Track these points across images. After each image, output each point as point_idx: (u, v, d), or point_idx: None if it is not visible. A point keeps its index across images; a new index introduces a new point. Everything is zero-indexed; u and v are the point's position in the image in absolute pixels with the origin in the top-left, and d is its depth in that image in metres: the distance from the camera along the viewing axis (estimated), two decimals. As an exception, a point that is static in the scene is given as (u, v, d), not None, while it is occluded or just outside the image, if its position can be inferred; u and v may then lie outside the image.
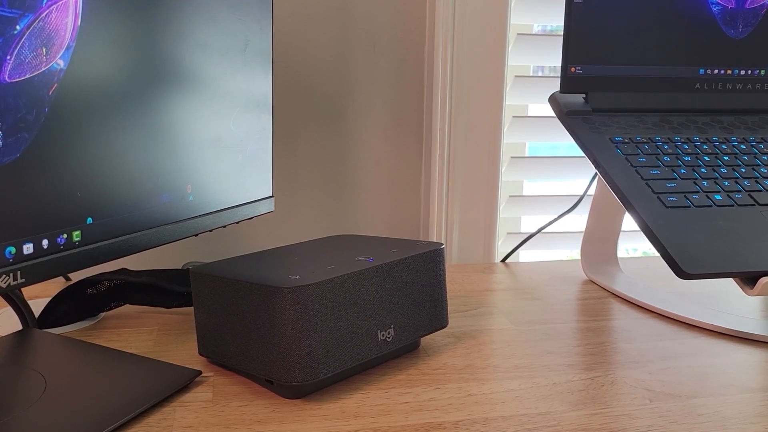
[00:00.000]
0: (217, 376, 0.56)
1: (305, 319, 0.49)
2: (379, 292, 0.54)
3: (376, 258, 0.55)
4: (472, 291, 0.79)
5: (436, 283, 0.59)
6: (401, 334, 0.56)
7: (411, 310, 0.57)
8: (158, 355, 0.60)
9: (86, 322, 0.67)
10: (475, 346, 0.62)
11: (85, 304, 0.66)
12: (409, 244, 0.61)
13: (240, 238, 0.92)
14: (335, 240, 0.65)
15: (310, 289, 0.49)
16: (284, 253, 0.59)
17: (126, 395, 0.50)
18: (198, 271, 0.55)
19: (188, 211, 0.59)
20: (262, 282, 0.50)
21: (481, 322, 0.69)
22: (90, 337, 0.63)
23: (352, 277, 0.52)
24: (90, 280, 0.66)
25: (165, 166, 0.56)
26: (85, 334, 0.64)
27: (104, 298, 0.67)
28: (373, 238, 0.64)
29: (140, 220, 0.54)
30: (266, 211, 0.71)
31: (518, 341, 0.64)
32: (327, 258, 0.56)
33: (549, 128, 0.96)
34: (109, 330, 0.65)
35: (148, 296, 0.67)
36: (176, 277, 0.68)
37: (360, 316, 0.53)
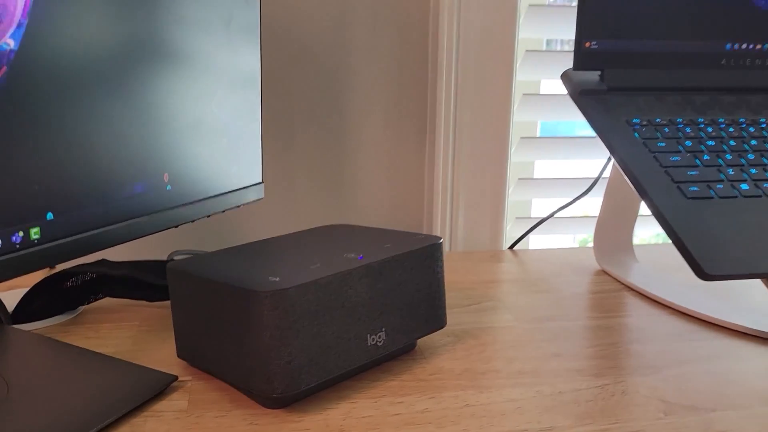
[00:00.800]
0: (195, 380, 0.52)
1: (285, 325, 0.45)
2: (369, 293, 0.49)
3: (366, 255, 0.51)
4: (476, 282, 0.75)
5: (433, 281, 0.54)
6: (394, 338, 0.52)
7: (405, 312, 0.52)
8: (136, 354, 0.56)
9: (65, 315, 0.63)
10: (475, 347, 0.58)
11: (63, 297, 0.63)
12: (404, 237, 0.56)
13: (234, 226, 0.88)
14: (326, 232, 0.60)
15: (291, 293, 0.45)
16: (268, 248, 0.55)
17: (94, 404, 0.46)
18: (174, 268, 0.51)
19: (166, 202, 0.55)
20: (239, 284, 0.46)
21: (484, 319, 0.64)
22: (66, 334, 0.60)
23: (338, 278, 0.47)
24: (67, 272, 0.62)
25: (138, 153, 0.52)
26: (61, 330, 0.61)
27: (83, 290, 0.63)
28: (366, 230, 0.60)
29: (109, 213, 0.49)
30: (255, 198, 0.67)
31: (523, 341, 0.59)
32: (313, 254, 0.52)
33: (562, 106, 0.90)
34: (87, 325, 0.62)
35: (129, 289, 0.63)
36: (159, 270, 0.64)
37: (347, 319, 0.48)
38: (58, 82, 0.45)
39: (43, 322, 0.61)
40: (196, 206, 0.59)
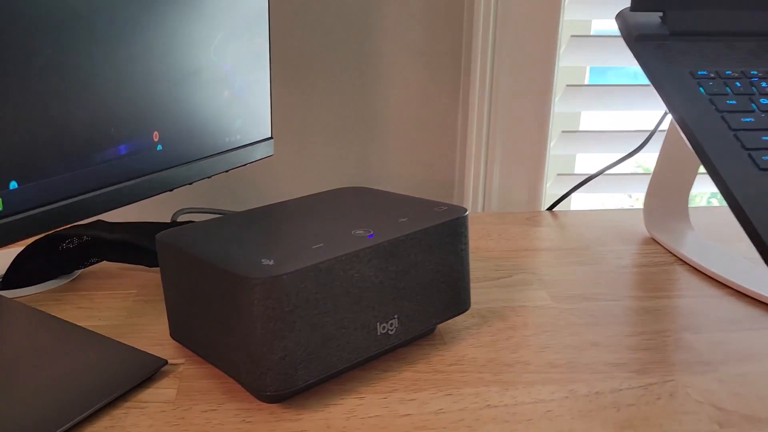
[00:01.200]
0: (188, 364, 0.47)
1: (279, 316, 0.39)
2: (379, 276, 0.43)
3: (377, 231, 0.44)
4: (509, 250, 0.68)
5: (455, 261, 0.48)
6: (408, 325, 0.46)
7: (421, 296, 0.46)
8: (128, 329, 0.51)
9: (60, 280, 0.59)
10: (503, 332, 0.52)
11: (57, 261, 0.58)
12: (425, 208, 0.49)
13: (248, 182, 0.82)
14: (338, 198, 0.53)
15: (285, 280, 0.39)
16: (269, 219, 0.48)
17: (71, 391, 0.42)
18: (162, 240, 0.45)
19: (156, 164, 0.49)
20: (227, 267, 0.40)
21: (515, 296, 0.57)
22: (58, 302, 0.55)
23: (342, 261, 0.41)
24: (60, 234, 0.57)
25: (121, 109, 0.45)
26: (54, 297, 0.56)
27: (78, 254, 0.58)
28: (383, 196, 0.53)
29: (86, 179, 0.44)
30: (263, 155, 0.60)
31: (557, 326, 0.53)
32: (318, 229, 0.45)
33: (615, 49, 0.80)
34: (82, 292, 0.57)
35: (125, 254, 0.58)
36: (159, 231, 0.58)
37: (353, 307, 0.42)
38: (18, 25, 0.38)
39: (36, 288, 0.57)
40: (193, 167, 0.53)
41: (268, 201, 0.83)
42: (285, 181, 0.82)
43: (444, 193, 0.84)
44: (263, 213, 0.50)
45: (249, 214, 0.50)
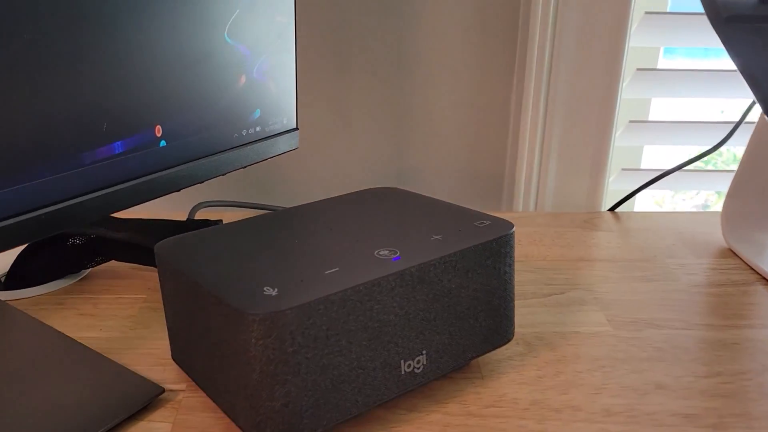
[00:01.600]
0: (189, 392, 0.42)
1: (280, 358, 0.33)
2: (404, 307, 0.37)
3: (405, 252, 0.37)
4: (563, 260, 0.60)
5: (498, 285, 0.41)
6: (438, 361, 0.39)
7: (455, 326, 0.39)
8: (130, 343, 0.46)
9: (67, 279, 0.54)
10: (551, 365, 0.44)
11: (63, 259, 0.54)
12: (463, 221, 0.42)
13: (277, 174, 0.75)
14: (365, 203, 0.47)
15: (288, 317, 0.32)
16: (282, 231, 0.42)
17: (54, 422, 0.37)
18: (160, 253, 0.40)
19: (159, 163, 0.43)
20: (223, 296, 0.34)
21: (567, 319, 0.50)
22: (60, 306, 0.51)
23: (360, 292, 0.35)
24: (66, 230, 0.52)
25: (115, 101, 0.40)
26: (57, 299, 0.52)
27: (86, 251, 0.54)
28: (417, 204, 0.46)
29: (73, 182, 0.38)
30: (287, 149, 0.54)
31: (616, 359, 0.45)
32: (336, 247, 0.39)
33: (696, 29, 0.70)
34: (87, 295, 0.53)
35: (133, 255, 0.53)
36: (172, 230, 0.53)
37: (372, 343, 0.36)
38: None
39: (40, 288, 0.53)
40: (204, 164, 0.47)
41: (298, 194, 0.77)
42: (318, 172, 0.76)
43: (492, 187, 0.77)
44: (277, 221, 0.44)
45: (261, 223, 0.43)
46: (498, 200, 0.77)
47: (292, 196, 0.77)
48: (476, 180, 0.77)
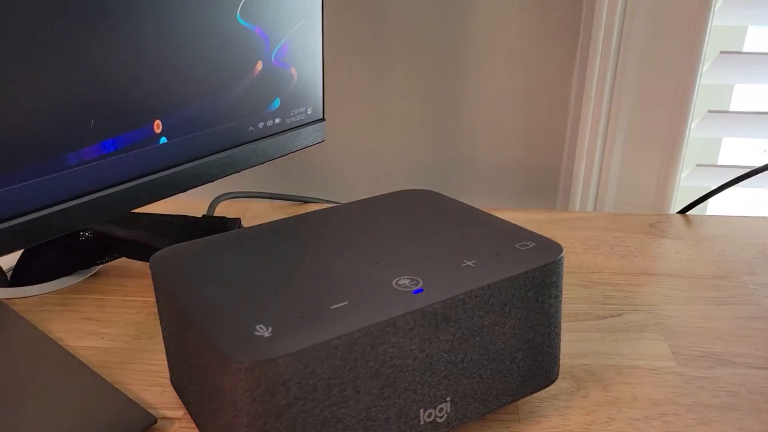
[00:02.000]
0: (184, 422, 0.37)
1: (271, 412, 0.28)
2: (425, 349, 0.31)
3: (430, 282, 0.31)
4: (624, 273, 0.53)
5: (540, 320, 0.34)
6: (465, 409, 0.33)
7: (487, 369, 0.33)
8: (130, 356, 0.42)
9: (76, 276, 0.51)
10: (601, 410, 0.38)
11: (73, 254, 0.50)
12: (503, 242, 0.35)
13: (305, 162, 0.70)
14: (393, 212, 0.41)
15: (280, 366, 0.27)
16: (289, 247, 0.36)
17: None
18: (154, 266, 0.35)
19: (159, 161, 0.38)
20: (211, 333, 0.29)
21: (624, 349, 0.43)
22: (65, 308, 0.47)
23: (371, 334, 0.29)
24: (74, 224, 0.48)
25: (105, 94, 0.35)
26: (63, 300, 0.48)
27: (97, 247, 0.50)
28: (452, 216, 0.40)
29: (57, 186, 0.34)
30: (311, 143, 0.48)
31: (680, 405, 0.38)
32: (350, 270, 0.33)
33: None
34: (95, 296, 0.49)
35: (143, 254, 0.49)
36: (186, 228, 0.49)
37: (385, 392, 0.30)
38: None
39: (47, 285, 0.49)
40: (213, 162, 0.42)
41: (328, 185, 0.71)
42: (350, 164, 0.70)
43: (547, 183, 0.69)
44: (290, 231, 0.38)
45: (271, 233, 0.38)
46: (552, 198, 0.70)
47: (323, 187, 0.71)
48: (529, 174, 0.69)
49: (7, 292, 0.48)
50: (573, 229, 0.60)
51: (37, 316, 0.46)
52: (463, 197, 0.71)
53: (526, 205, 0.71)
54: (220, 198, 0.56)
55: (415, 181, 0.71)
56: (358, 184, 0.71)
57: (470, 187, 0.70)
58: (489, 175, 0.70)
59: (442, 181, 0.70)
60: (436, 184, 0.71)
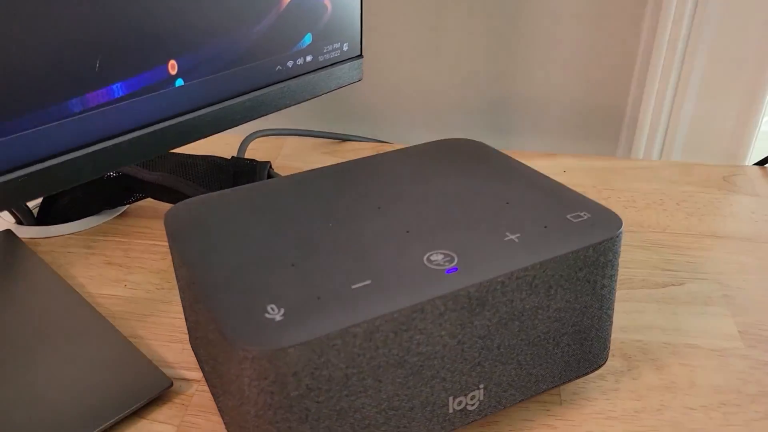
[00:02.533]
0: (201, 387, 0.35)
1: (281, 403, 0.25)
2: (457, 335, 0.27)
3: (466, 259, 0.28)
4: (689, 234, 0.47)
5: (591, 303, 0.31)
6: (500, 396, 0.30)
7: (527, 354, 0.30)
8: (152, 308, 0.40)
9: (103, 215, 0.49)
10: (653, 395, 0.34)
11: (99, 193, 0.48)
12: (554, 211, 0.31)
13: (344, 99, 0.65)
14: (431, 168, 0.36)
15: (292, 356, 0.24)
16: (314, 207, 0.33)
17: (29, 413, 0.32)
18: (168, 222, 0.32)
19: (174, 106, 0.35)
20: (217, 313, 0.26)
21: (684, 324, 0.39)
22: (90, 251, 0.45)
23: (395, 320, 0.26)
24: (99, 163, 0.46)
25: (111, 31, 0.31)
26: (88, 241, 0.46)
27: (123, 187, 0.48)
28: (497, 172, 0.35)
29: (59, 136, 0.31)
30: (347, 82, 0.44)
31: (744, 396, 0.34)
32: (375, 239, 0.30)
33: None
34: (120, 238, 0.47)
35: (168, 196, 0.46)
36: (211, 173, 0.46)
37: (410, 380, 0.27)
38: None
39: (73, 225, 0.48)
40: (235, 105, 0.38)
41: (370, 124, 0.67)
42: (397, 98, 0.65)
43: (610, 126, 0.63)
44: (317, 185, 0.35)
45: (296, 187, 0.35)
46: (614, 142, 0.64)
47: (364, 124, 0.67)
48: (591, 115, 0.63)
49: (32, 231, 0.47)
50: (635, 180, 0.54)
51: (61, 259, 0.45)
52: (517, 139, 0.66)
53: (584, 150, 0.65)
54: (252, 135, 0.52)
55: (465, 120, 0.66)
56: (402, 123, 0.67)
57: (525, 128, 0.65)
58: (546, 115, 0.64)
59: (495, 121, 0.65)
60: (488, 123, 0.65)
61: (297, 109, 0.65)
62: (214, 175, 0.45)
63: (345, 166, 0.37)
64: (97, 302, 0.41)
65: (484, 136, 0.66)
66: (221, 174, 0.45)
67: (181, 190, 0.44)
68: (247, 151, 0.57)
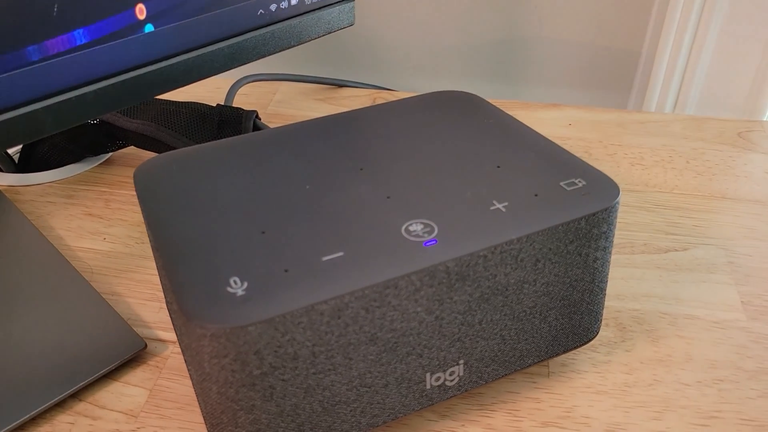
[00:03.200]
0: (175, 349, 0.34)
1: (244, 381, 0.24)
2: (434, 311, 0.26)
3: (445, 229, 0.26)
4: (697, 195, 0.45)
5: (581, 276, 0.29)
6: (481, 371, 0.29)
7: (511, 329, 0.28)
8: (130, 264, 0.39)
9: (85, 163, 0.47)
10: (646, 368, 0.33)
11: (81, 140, 0.46)
12: (545, 175, 0.29)
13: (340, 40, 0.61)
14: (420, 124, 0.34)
15: (253, 334, 0.23)
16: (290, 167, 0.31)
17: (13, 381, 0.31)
18: (137, 181, 0.30)
19: (143, 54, 0.32)
20: (177, 284, 0.24)
21: (685, 293, 0.37)
22: (70, 200, 0.44)
23: (366, 297, 0.24)
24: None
25: (72, -27, 0.29)
26: (68, 191, 0.45)
27: (106, 134, 0.46)
28: (489, 129, 0.33)
29: (12, 88, 0.29)
30: (337, 27, 0.41)
31: (742, 372, 0.33)
32: (352, 204, 0.28)
33: None
34: (102, 188, 0.45)
35: (151, 144, 0.44)
36: (194, 121, 0.44)
37: (383, 357, 0.26)
38: None
39: (54, 173, 0.46)
40: (212, 53, 0.35)
41: (367, 69, 0.63)
42: (395, 39, 0.61)
43: (622, 74, 0.59)
44: (294, 144, 0.33)
45: (273, 144, 0.32)
46: (626, 92, 0.60)
47: (358, 69, 0.64)
48: (601, 63, 0.60)
49: (12, 178, 0.45)
50: (644, 134, 0.51)
51: (41, 209, 0.43)
52: (521, 85, 0.62)
53: (593, 100, 0.62)
54: (242, 81, 0.50)
55: (467, 66, 0.62)
56: (401, 68, 0.63)
57: (530, 74, 0.61)
58: (553, 60, 0.60)
59: (498, 67, 0.62)
60: (491, 69, 0.62)
61: (292, 53, 0.62)
62: (197, 124, 0.43)
63: (331, 120, 0.35)
64: (75, 256, 0.39)
65: (487, 83, 0.63)
66: (205, 123, 0.43)
67: (162, 139, 0.42)
68: (239, 97, 0.55)
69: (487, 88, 0.63)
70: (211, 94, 0.55)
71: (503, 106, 0.55)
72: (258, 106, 0.54)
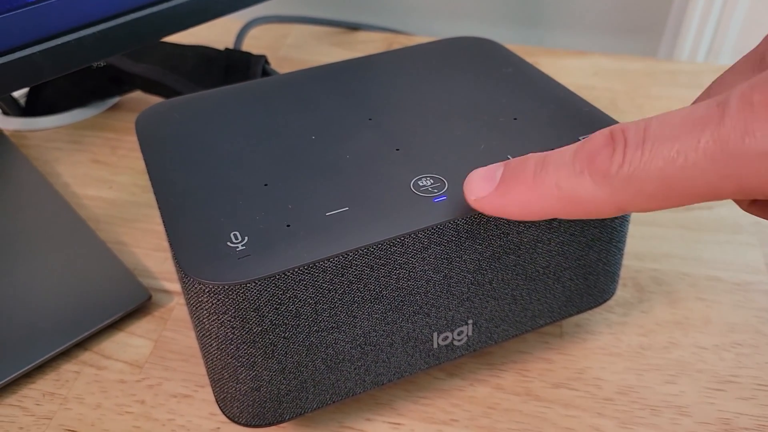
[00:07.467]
0: (180, 300, 0.34)
1: (244, 338, 0.23)
2: (443, 270, 0.25)
3: (456, 185, 0.24)
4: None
5: (599, 235, 0.27)
6: (491, 331, 0.28)
7: (523, 289, 0.27)
8: (135, 213, 0.38)
9: (92, 108, 0.46)
10: (662, 331, 0.32)
11: (88, 84, 0.45)
12: (562, 129, 0.27)
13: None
14: (434, 73, 0.32)
15: (252, 291, 0.22)
16: (297, 115, 0.29)
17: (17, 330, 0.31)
18: (138, 128, 0.29)
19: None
20: (175, 238, 0.24)
21: (707, 254, 0.36)
22: (77, 146, 0.43)
23: (371, 254, 0.23)
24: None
25: None
26: (75, 136, 0.44)
27: (112, 79, 0.44)
28: (506, 80, 0.31)
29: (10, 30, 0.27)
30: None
31: (763, 335, 0.32)
32: (361, 161, 0.26)
33: None
34: (108, 134, 0.44)
35: (157, 89, 0.43)
36: (200, 65, 0.42)
37: (389, 316, 0.25)
38: None
39: (60, 118, 0.45)
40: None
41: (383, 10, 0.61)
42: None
43: (653, 19, 0.56)
44: (301, 92, 0.31)
45: (279, 91, 0.31)
46: (656, 39, 0.57)
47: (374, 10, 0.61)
48: (632, 5, 0.57)
49: (18, 122, 0.44)
50: (674, 84, 0.49)
51: (47, 155, 0.42)
52: (545, 30, 0.60)
53: (622, 48, 0.59)
54: (253, 23, 0.48)
55: (488, 10, 0.60)
56: (420, 10, 0.61)
57: (555, 18, 0.59)
58: (580, 3, 0.57)
59: (520, 8, 0.59)
60: (512, 11, 0.59)
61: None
62: (204, 68, 0.41)
63: (340, 66, 0.33)
64: (82, 204, 0.39)
65: (510, 27, 0.60)
66: (212, 67, 0.42)
67: (167, 84, 0.40)
68: (249, 40, 0.53)
69: (509, 32, 0.60)
70: (220, 37, 0.54)
71: (525, 52, 0.52)
72: (269, 50, 0.53)
